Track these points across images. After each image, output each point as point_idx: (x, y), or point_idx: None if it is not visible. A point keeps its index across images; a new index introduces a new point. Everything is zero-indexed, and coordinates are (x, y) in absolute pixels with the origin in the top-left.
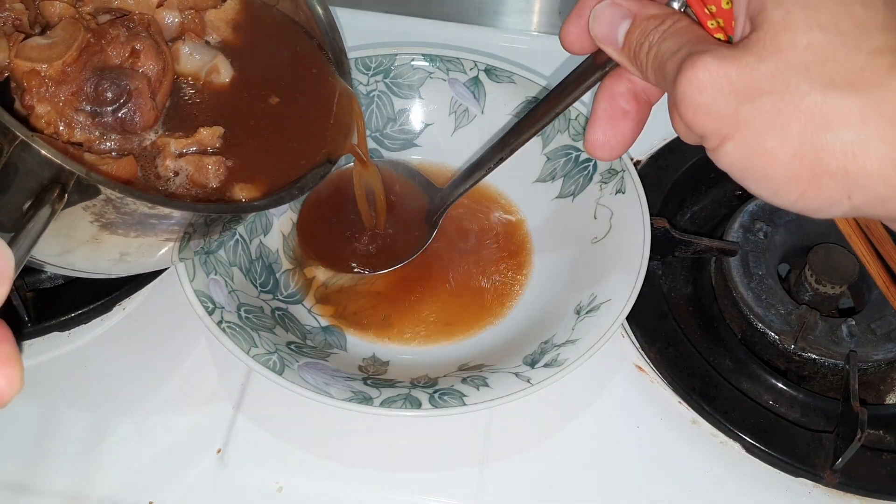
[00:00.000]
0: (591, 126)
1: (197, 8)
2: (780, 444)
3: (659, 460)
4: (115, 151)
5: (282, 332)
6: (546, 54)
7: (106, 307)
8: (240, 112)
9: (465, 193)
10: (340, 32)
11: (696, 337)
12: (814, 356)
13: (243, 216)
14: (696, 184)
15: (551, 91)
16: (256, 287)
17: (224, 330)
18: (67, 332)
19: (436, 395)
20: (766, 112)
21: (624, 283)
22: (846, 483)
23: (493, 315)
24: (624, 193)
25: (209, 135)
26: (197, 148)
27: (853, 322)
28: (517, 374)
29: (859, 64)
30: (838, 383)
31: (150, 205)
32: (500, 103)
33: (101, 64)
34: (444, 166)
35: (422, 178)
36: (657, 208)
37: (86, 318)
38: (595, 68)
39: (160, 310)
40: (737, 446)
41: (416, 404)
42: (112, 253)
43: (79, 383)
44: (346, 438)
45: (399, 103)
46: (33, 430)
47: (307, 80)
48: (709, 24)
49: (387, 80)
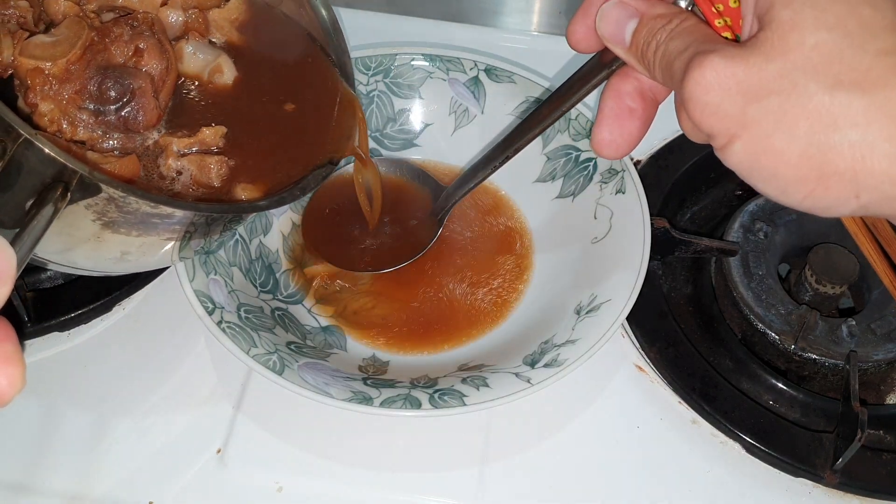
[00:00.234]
0: (597, 125)
1: (200, 7)
2: (781, 444)
3: (659, 460)
4: (117, 150)
5: (282, 332)
6: (546, 54)
7: (106, 307)
8: (242, 112)
9: (471, 192)
10: (343, 33)
11: (696, 337)
12: (814, 356)
13: (244, 216)
14: (696, 184)
15: (557, 89)
16: (256, 287)
17: (224, 330)
18: (67, 331)
19: (436, 396)
20: (774, 112)
21: (624, 283)
22: (846, 483)
23: (493, 317)
24: (624, 193)
25: (212, 134)
26: (199, 147)
27: (853, 322)
28: (517, 375)
29: (866, 64)
30: (838, 383)
31: (153, 204)
32: (500, 103)
33: (104, 62)
34: (445, 166)
35: (427, 176)
36: (657, 208)
37: (86, 318)
38: (601, 67)
39: (160, 310)
40: (737, 446)
41: (416, 404)
42: (114, 251)
43: (79, 383)
44: (346, 438)
45: (399, 103)
46: (33, 430)
47: (310, 81)
48: (716, 22)
49: (387, 80)
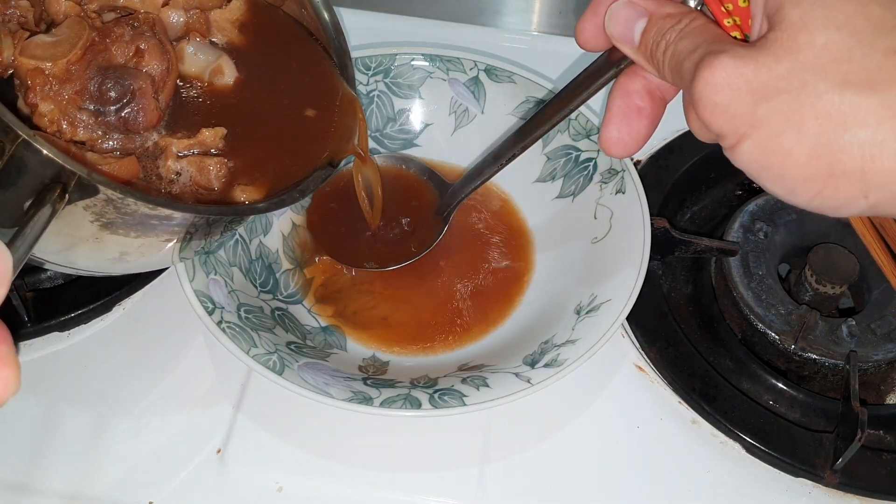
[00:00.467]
0: (606, 123)
1: (202, 8)
2: (781, 444)
3: (659, 460)
4: (117, 151)
5: (282, 332)
6: (546, 54)
7: (106, 307)
8: (243, 113)
9: (476, 189)
10: (345, 34)
11: (696, 337)
12: (814, 356)
13: (244, 218)
14: (696, 184)
15: (565, 87)
16: (256, 287)
17: (224, 330)
18: (67, 331)
19: (436, 396)
20: (783, 111)
21: (624, 283)
22: (846, 483)
23: (494, 318)
24: (624, 193)
25: (211, 136)
26: (199, 149)
27: (853, 322)
28: (517, 375)
29: (875, 64)
30: (838, 383)
31: (151, 206)
32: (500, 103)
33: (105, 63)
34: (445, 166)
35: (432, 173)
36: (657, 208)
37: (85, 318)
38: (610, 65)
39: (160, 310)
40: (737, 446)
41: (416, 404)
42: (112, 252)
43: (79, 383)
44: (347, 438)
45: (399, 103)
46: (33, 430)
47: (311, 83)
48: (725, 22)
49: (387, 80)
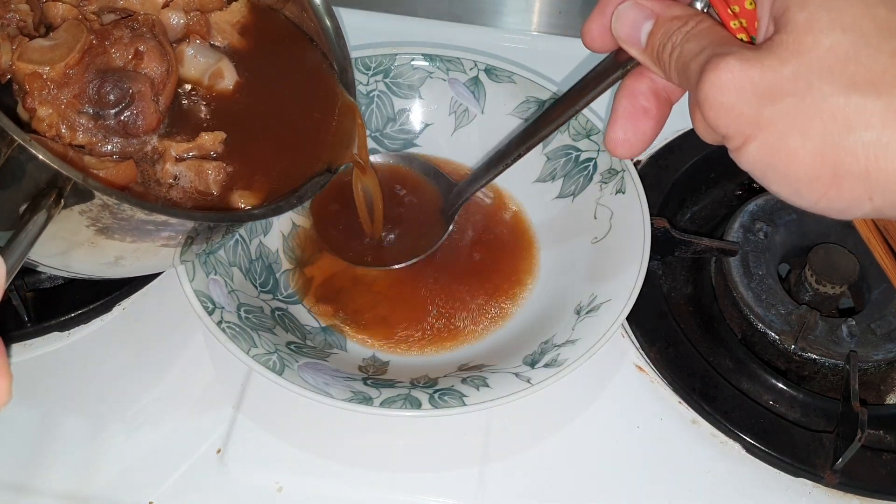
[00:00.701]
0: (611, 124)
1: (203, 10)
2: (780, 444)
3: (659, 460)
4: (116, 154)
5: (282, 332)
6: (546, 54)
7: (106, 307)
8: (242, 117)
9: (481, 188)
10: (346, 40)
11: (696, 337)
12: (814, 356)
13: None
14: (696, 184)
15: (571, 88)
16: (256, 287)
17: (224, 330)
18: (67, 332)
19: (436, 396)
20: (789, 113)
21: (624, 283)
22: (846, 483)
23: (494, 318)
24: (624, 193)
25: (210, 140)
26: (198, 152)
27: (853, 322)
28: (517, 375)
29: (881, 66)
30: (838, 383)
31: (147, 211)
32: (500, 103)
33: (103, 66)
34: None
35: (437, 173)
36: (657, 208)
37: (85, 318)
38: (616, 66)
39: (160, 310)
40: (737, 446)
41: (416, 404)
42: (108, 256)
43: (78, 383)
44: (347, 438)
45: (399, 103)
46: (33, 431)
47: (310, 88)
48: (731, 24)
49: (387, 80)
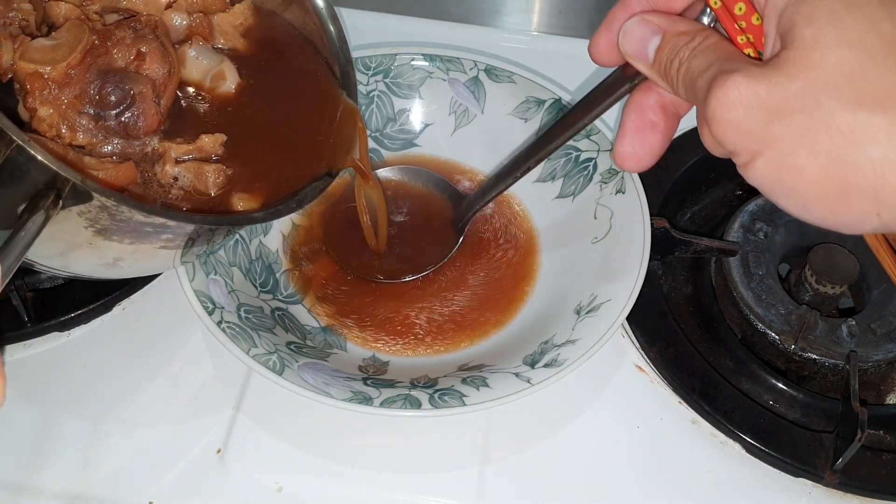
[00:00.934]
0: (619, 138)
1: (206, 11)
2: (780, 444)
3: (659, 460)
4: (116, 155)
5: (282, 332)
6: (546, 54)
7: (106, 307)
8: (243, 120)
9: (492, 201)
10: (348, 44)
11: (696, 337)
12: (814, 356)
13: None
14: (696, 184)
15: (580, 101)
16: (256, 287)
17: (224, 330)
18: (67, 331)
19: (436, 396)
20: (796, 129)
21: (624, 283)
22: (846, 483)
23: (495, 319)
24: (624, 193)
25: (211, 142)
26: (198, 155)
27: (853, 322)
28: (517, 375)
29: (888, 82)
30: (838, 383)
31: (145, 213)
32: (500, 103)
33: (105, 66)
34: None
35: (447, 185)
36: (657, 208)
37: (85, 318)
38: (624, 80)
39: (160, 310)
40: (737, 446)
41: (416, 404)
42: (106, 258)
43: (78, 383)
44: (347, 438)
45: (399, 103)
46: (33, 430)
47: (312, 92)
48: (738, 39)
49: (387, 80)
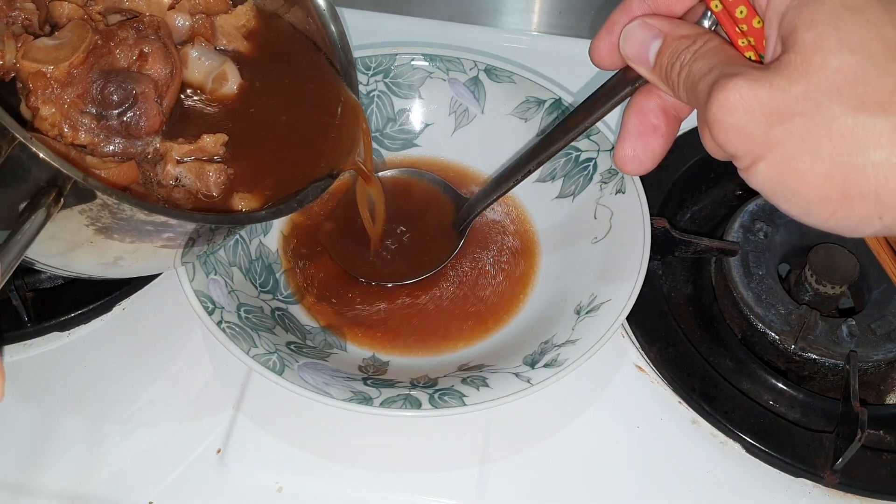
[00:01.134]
0: (621, 141)
1: (208, 13)
2: (780, 444)
3: (659, 460)
4: (117, 155)
5: (282, 332)
6: (546, 54)
7: (106, 307)
8: (245, 121)
9: (492, 204)
10: (350, 46)
11: (696, 337)
12: (814, 356)
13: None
14: (696, 184)
15: (580, 105)
16: (256, 287)
17: (224, 330)
18: (67, 331)
19: (436, 396)
20: (798, 134)
21: (624, 283)
22: (846, 483)
23: (495, 319)
24: (624, 193)
25: (212, 142)
26: (199, 155)
27: (853, 322)
28: (517, 375)
29: (890, 87)
30: (838, 383)
31: (147, 212)
32: (500, 103)
33: (108, 66)
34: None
35: (448, 187)
36: (657, 208)
37: (85, 318)
38: (625, 83)
39: (160, 310)
40: (737, 446)
41: (416, 404)
42: (107, 257)
43: (78, 383)
44: (346, 438)
45: (399, 103)
46: (33, 431)
47: (314, 93)
48: (740, 42)
49: (387, 80)
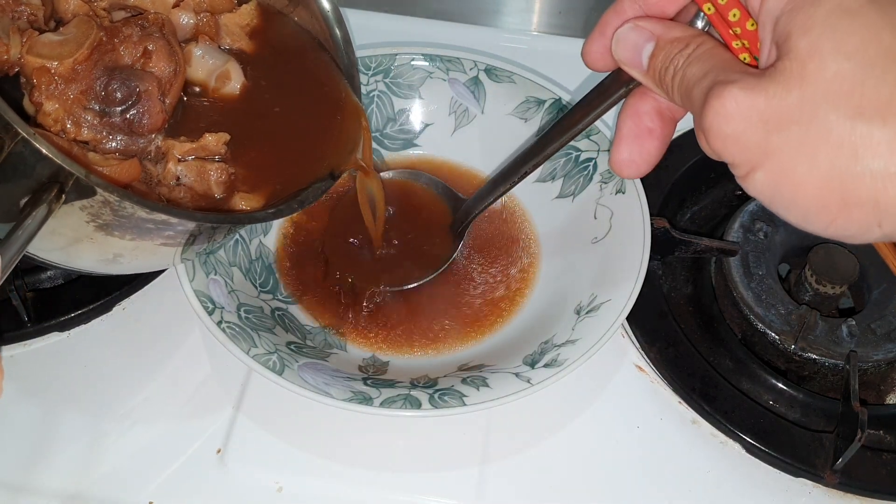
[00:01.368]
0: (616, 145)
1: (213, 11)
2: (780, 444)
3: (659, 460)
4: (120, 152)
5: (282, 332)
6: (546, 54)
7: (105, 307)
8: (247, 120)
9: (490, 206)
10: (354, 46)
11: (696, 337)
12: (814, 356)
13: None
14: (696, 184)
15: (575, 106)
16: (256, 287)
17: (224, 330)
18: (67, 331)
19: (436, 396)
20: (795, 141)
21: (624, 283)
22: (846, 483)
23: (496, 319)
24: (624, 193)
25: (214, 141)
26: (201, 154)
27: (853, 322)
28: (517, 375)
29: (887, 94)
30: (838, 383)
31: (148, 210)
32: (500, 103)
33: (112, 63)
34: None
35: (446, 188)
36: (657, 208)
37: (85, 318)
38: (619, 84)
39: (160, 310)
40: (737, 446)
41: (416, 404)
42: (106, 253)
43: (78, 383)
44: (346, 438)
45: (399, 103)
46: (33, 430)
47: (317, 93)
48: (734, 44)
49: (387, 80)
